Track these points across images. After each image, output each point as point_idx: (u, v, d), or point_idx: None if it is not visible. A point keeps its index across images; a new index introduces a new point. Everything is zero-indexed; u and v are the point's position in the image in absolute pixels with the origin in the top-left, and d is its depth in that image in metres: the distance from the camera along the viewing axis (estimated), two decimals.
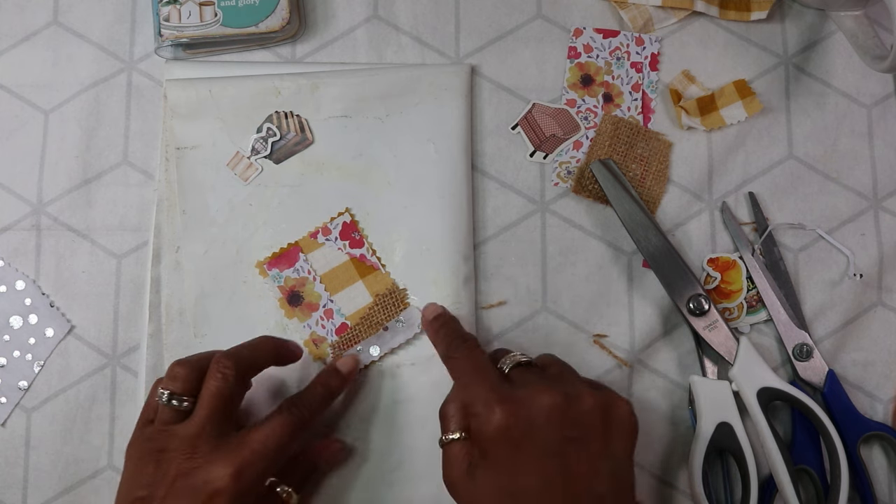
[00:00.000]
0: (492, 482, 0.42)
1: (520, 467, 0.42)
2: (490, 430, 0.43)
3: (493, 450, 0.43)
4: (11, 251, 0.55)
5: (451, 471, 0.44)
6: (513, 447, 0.42)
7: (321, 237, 0.54)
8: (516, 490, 0.42)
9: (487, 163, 0.56)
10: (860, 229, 0.56)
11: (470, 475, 0.43)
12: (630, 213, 0.53)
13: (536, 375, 0.45)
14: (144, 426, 0.46)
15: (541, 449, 0.42)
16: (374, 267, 0.54)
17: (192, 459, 0.44)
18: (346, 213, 0.54)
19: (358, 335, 0.53)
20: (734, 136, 0.57)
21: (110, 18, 0.57)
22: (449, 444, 0.45)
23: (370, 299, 0.54)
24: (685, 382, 0.54)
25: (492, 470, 0.42)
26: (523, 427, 0.42)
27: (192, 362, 0.47)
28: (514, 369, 0.46)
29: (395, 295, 0.53)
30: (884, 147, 0.57)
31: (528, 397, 0.43)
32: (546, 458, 0.42)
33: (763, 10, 0.57)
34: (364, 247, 0.54)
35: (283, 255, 0.54)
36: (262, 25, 0.55)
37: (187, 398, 0.46)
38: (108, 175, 0.56)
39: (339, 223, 0.54)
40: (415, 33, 0.57)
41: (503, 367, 0.46)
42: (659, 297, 0.55)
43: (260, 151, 0.55)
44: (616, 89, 0.57)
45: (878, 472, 0.53)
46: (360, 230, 0.54)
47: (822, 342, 0.54)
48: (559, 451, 0.42)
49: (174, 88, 0.55)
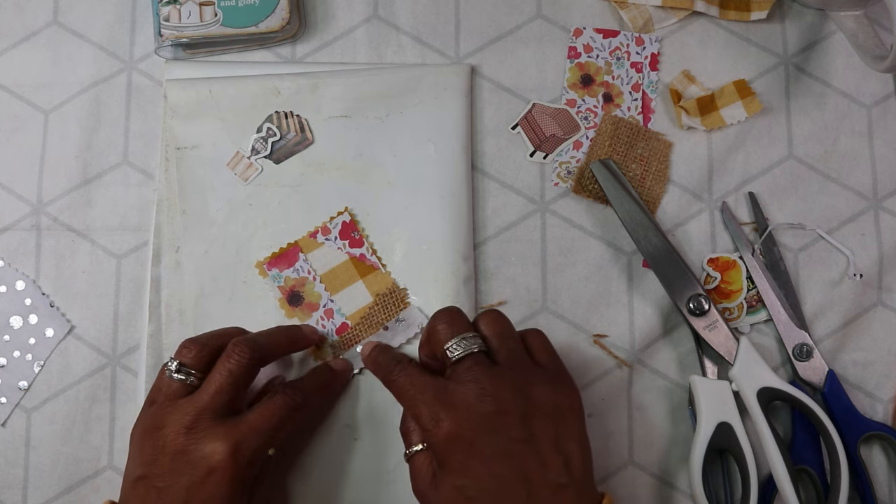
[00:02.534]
0: (452, 487, 0.43)
1: (475, 470, 0.42)
2: (440, 438, 0.43)
3: (448, 456, 0.43)
4: (11, 251, 0.55)
5: (418, 482, 0.45)
6: (465, 451, 0.43)
7: (321, 237, 0.54)
8: (475, 493, 0.42)
9: (487, 163, 0.56)
10: (860, 229, 0.56)
11: (434, 484, 0.44)
12: (630, 213, 0.53)
13: (482, 369, 0.44)
14: (149, 407, 0.47)
15: (491, 450, 0.42)
16: (374, 266, 0.54)
17: (189, 435, 0.44)
18: (346, 213, 0.54)
19: (358, 335, 0.53)
20: (734, 136, 0.57)
21: (110, 18, 0.57)
22: (413, 457, 0.46)
23: (370, 299, 0.54)
24: (685, 382, 0.54)
25: (451, 476, 0.43)
26: (470, 431, 0.43)
27: (203, 340, 0.47)
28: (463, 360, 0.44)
29: (396, 294, 0.53)
30: (884, 147, 0.57)
31: (472, 403, 0.43)
32: (498, 459, 0.42)
33: (763, 10, 0.57)
34: (364, 246, 0.54)
35: (282, 254, 0.54)
36: (262, 25, 0.55)
37: (195, 373, 0.46)
38: (108, 175, 0.56)
39: (338, 223, 0.54)
40: (415, 33, 0.57)
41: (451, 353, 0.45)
42: (659, 297, 0.55)
43: (260, 151, 0.55)
44: (616, 89, 0.57)
45: (878, 472, 0.53)
46: (359, 230, 0.54)
47: (822, 342, 0.54)
48: (509, 450, 0.42)
49: (174, 88, 0.55)
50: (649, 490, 0.53)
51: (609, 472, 0.53)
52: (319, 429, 0.52)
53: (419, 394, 0.44)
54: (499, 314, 0.47)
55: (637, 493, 0.53)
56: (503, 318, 0.47)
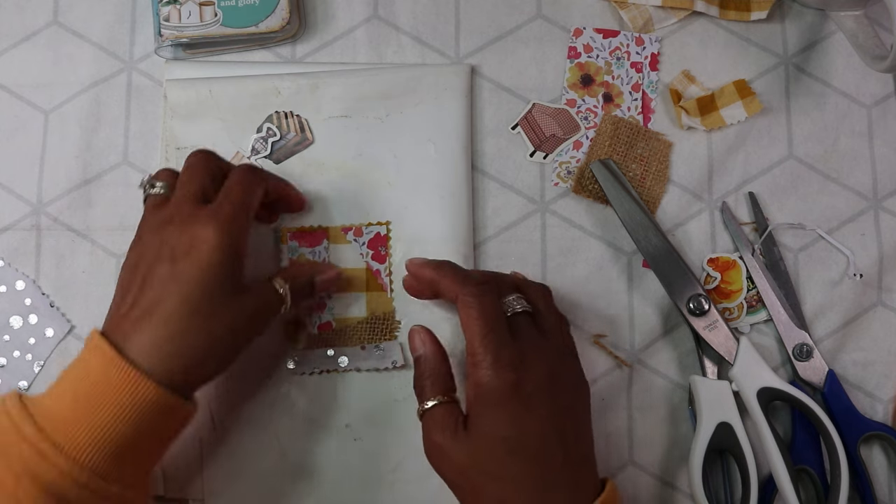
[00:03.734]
0: (495, 437, 0.43)
1: (527, 425, 0.43)
2: (505, 383, 0.43)
3: (501, 405, 0.43)
4: (11, 251, 0.55)
5: (436, 434, 0.44)
6: (523, 405, 0.43)
7: (351, 235, 0.54)
8: (518, 447, 0.43)
9: (487, 163, 0.56)
10: (860, 229, 0.56)
11: (459, 435, 0.44)
12: (630, 213, 0.53)
13: (536, 331, 0.46)
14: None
15: (545, 410, 0.43)
16: (382, 287, 0.53)
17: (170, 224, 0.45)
18: (384, 226, 0.54)
19: (335, 340, 0.53)
20: (734, 136, 0.57)
21: (110, 18, 0.57)
22: (432, 409, 0.45)
23: (364, 315, 0.53)
24: (685, 382, 0.54)
25: (496, 425, 0.43)
26: (531, 386, 0.43)
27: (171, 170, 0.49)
28: (518, 316, 0.46)
29: (388, 322, 0.53)
30: (884, 147, 0.57)
31: (534, 360, 0.44)
32: (548, 421, 0.43)
33: (763, 10, 0.57)
34: (384, 264, 0.54)
35: (310, 232, 0.54)
36: (262, 25, 0.55)
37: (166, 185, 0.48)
38: (108, 175, 0.56)
39: (373, 231, 0.54)
40: (415, 33, 0.57)
41: (509, 307, 0.46)
42: (659, 297, 0.55)
43: (260, 151, 0.55)
44: (616, 89, 0.57)
45: (878, 472, 0.53)
46: (388, 247, 0.54)
47: (822, 342, 0.54)
48: (556, 415, 0.44)
49: (174, 88, 0.55)
50: (649, 490, 0.53)
51: (609, 472, 0.53)
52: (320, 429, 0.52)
53: (500, 329, 0.45)
54: (548, 289, 0.49)
55: (637, 493, 0.53)
56: (550, 293, 0.49)
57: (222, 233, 0.44)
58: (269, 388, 0.53)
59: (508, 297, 0.47)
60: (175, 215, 0.45)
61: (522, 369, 0.43)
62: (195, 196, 0.46)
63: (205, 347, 0.43)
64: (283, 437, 0.52)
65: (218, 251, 0.44)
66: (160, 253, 0.44)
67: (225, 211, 0.45)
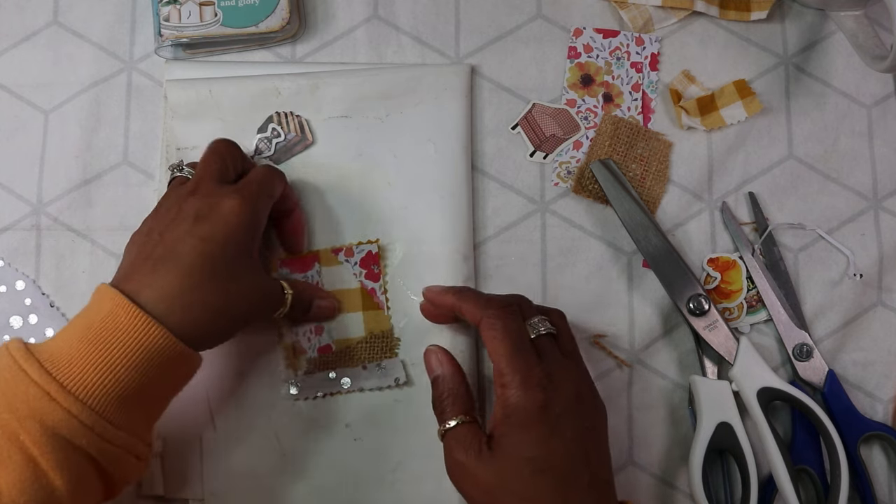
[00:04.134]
0: (521, 458, 0.42)
1: (553, 446, 0.43)
2: (534, 403, 0.43)
3: (528, 427, 0.43)
4: (11, 251, 0.55)
5: (460, 454, 0.44)
6: (550, 426, 0.43)
7: (342, 256, 0.53)
8: (546, 467, 0.42)
9: (487, 163, 0.56)
10: (860, 229, 0.56)
11: (485, 455, 0.43)
12: (630, 213, 0.53)
13: (560, 355, 0.46)
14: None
15: (572, 432, 0.43)
16: (379, 305, 0.53)
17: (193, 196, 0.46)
18: (375, 245, 0.53)
19: (336, 362, 0.52)
20: (734, 136, 0.57)
21: (110, 18, 0.57)
22: (455, 429, 0.45)
23: (362, 334, 0.53)
24: (685, 382, 0.54)
25: (523, 446, 0.43)
26: (559, 407, 0.43)
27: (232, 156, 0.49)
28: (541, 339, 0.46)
29: (387, 340, 0.53)
30: (884, 147, 0.57)
31: (561, 381, 0.44)
32: (574, 443, 0.43)
33: (763, 10, 0.57)
34: (378, 282, 0.53)
35: (299, 259, 0.53)
36: (262, 25, 0.55)
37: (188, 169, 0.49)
38: (108, 175, 0.56)
39: (364, 250, 0.53)
40: (415, 33, 0.57)
41: (534, 329, 0.46)
42: (659, 297, 0.55)
43: (263, 152, 0.55)
44: (616, 89, 0.57)
45: (878, 472, 0.53)
46: (381, 266, 0.53)
47: (822, 342, 0.54)
48: (583, 437, 0.44)
49: (174, 89, 0.55)
50: (649, 490, 0.53)
51: None
52: (319, 429, 0.52)
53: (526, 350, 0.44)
54: (563, 313, 0.49)
55: (637, 493, 0.53)
56: (566, 318, 0.49)
57: (245, 202, 0.45)
58: (269, 388, 0.53)
59: (532, 319, 0.46)
60: (198, 189, 0.46)
61: (551, 389, 0.43)
62: (218, 174, 0.47)
63: (218, 306, 0.44)
64: (283, 437, 0.52)
65: (241, 216, 0.45)
66: (179, 216, 0.45)
67: (249, 188, 0.47)
